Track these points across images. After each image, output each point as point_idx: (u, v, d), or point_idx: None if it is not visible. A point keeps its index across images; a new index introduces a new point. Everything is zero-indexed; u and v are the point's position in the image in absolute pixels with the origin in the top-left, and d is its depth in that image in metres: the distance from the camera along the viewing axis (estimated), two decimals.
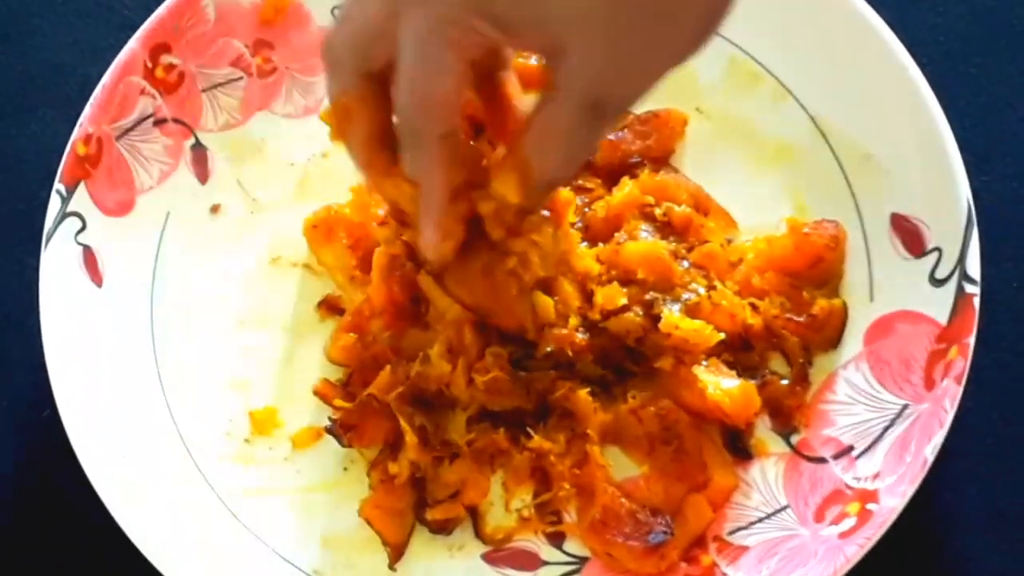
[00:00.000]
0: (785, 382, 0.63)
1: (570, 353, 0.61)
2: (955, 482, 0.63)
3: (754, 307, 0.63)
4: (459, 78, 0.49)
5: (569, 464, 0.62)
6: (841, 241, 0.64)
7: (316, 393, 0.65)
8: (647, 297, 0.62)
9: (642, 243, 0.64)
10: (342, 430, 0.63)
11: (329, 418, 0.63)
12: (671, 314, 0.61)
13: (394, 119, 0.52)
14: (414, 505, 0.62)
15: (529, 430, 0.62)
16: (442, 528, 0.62)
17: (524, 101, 0.55)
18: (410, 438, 0.61)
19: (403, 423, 0.61)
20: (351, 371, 0.65)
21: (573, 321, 0.61)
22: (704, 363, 0.62)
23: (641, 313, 0.62)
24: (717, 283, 0.64)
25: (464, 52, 0.48)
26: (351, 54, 0.51)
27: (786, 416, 0.62)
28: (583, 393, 0.62)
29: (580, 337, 0.61)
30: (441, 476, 0.62)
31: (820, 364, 0.63)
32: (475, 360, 0.62)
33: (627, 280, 0.63)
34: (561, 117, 0.49)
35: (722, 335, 0.62)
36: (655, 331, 0.61)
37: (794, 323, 0.63)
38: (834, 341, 0.63)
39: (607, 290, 0.62)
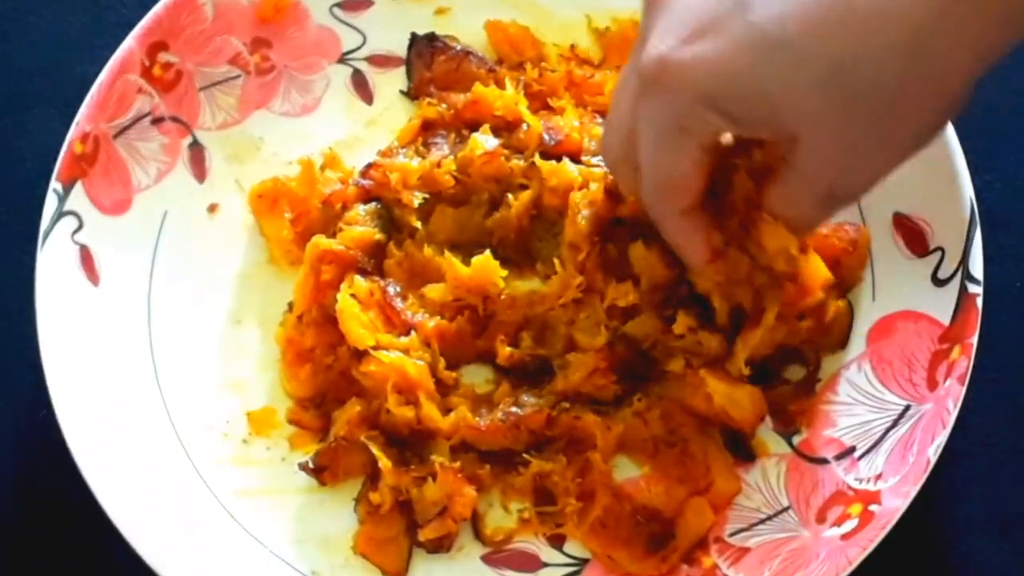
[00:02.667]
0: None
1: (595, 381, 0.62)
2: (958, 483, 0.63)
3: None
4: (695, 162, 0.51)
5: (571, 476, 0.61)
6: (861, 245, 0.63)
7: (291, 422, 0.65)
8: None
9: None
10: (315, 472, 0.63)
11: (301, 464, 0.63)
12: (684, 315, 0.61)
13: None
14: (406, 529, 0.62)
15: (526, 456, 0.62)
16: (439, 546, 0.62)
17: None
18: (384, 463, 0.61)
19: (376, 452, 0.61)
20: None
21: (600, 339, 0.61)
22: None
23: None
24: None
25: (700, 139, 0.50)
26: (625, 151, 0.54)
27: (789, 419, 0.62)
28: (591, 417, 0.61)
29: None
30: (426, 495, 0.61)
31: (822, 365, 0.63)
32: (450, 391, 0.63)
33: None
34: (795, 199, 0.52)
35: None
36: (668, 334, 0.61)
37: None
38: (841, 342, 0.63)
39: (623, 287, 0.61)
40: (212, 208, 0.69)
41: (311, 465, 0.63)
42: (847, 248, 0.63)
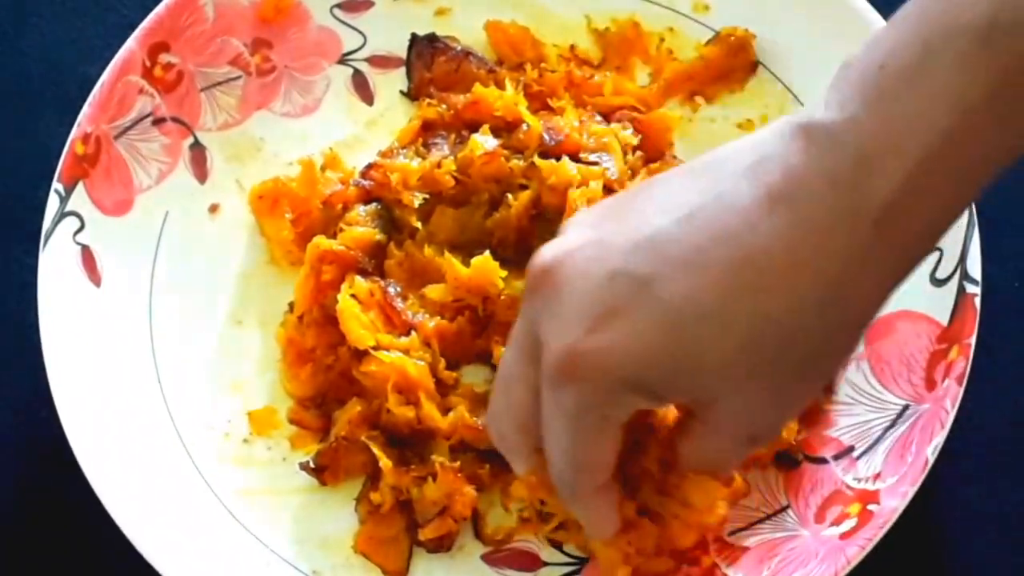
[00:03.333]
0: None
1: None
2: (956, 483, 0.63)
3: None
4: (613, 443, 0.50)
5: None
6: None
7: (292, 421, 0.65)
8: None
9: None
10: (316, 472, 0.63)
11: (302, 464, 0.63)
12: None
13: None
14: (406, 528, 0.62)
15: None
16: (439, 546, 0.62)
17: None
18: (384, 463, 0.61)
19: (377, 451, 0.61)
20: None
21: None
22: None
23: None
24: None
25: (620, 421, 0.49)
26: (521, 439, 0.52)
27: (805, 419, 0.62)
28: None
29: None
30: (426, 495, 0.61)
31: None
32: (450, 391, 0.63)
33: None
34: (714, 450, 0.51)
35: None
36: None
37: None
38: None
39: None
40: (213, 208, 0.69)
41: (312, 465, 0.63)
42: None
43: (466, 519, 0.62)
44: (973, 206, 0.61)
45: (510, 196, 0.64)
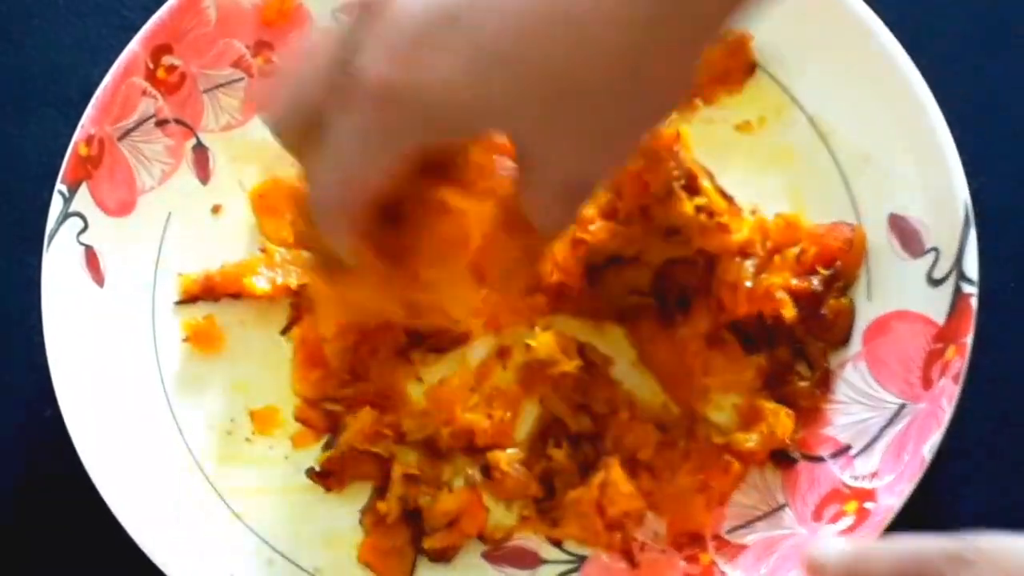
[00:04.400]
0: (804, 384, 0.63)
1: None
2: (953, 481, 0.63)
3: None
4: (387, 169, 0.49)
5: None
6: (856, 244, 0.64)
7: (298, 419, 0.65)
8: None
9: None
10: (321, 478, 0.63)
11: (308, 470, 0.64)
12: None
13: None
14: (411, 539, 0.62)
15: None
16: (441, 556, 0.62)
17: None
18: (395, 472, 0.62)
19: (392, 452, 0.62)
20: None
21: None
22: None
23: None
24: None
25: (399, 149, 0.49)
26: (300, 128, 0.50)
27: (803, 416, 0.62)
28: (617, 472, 0.61)
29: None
30: (438, 505, 0.62)
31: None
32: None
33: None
34: (536, 198, 0.51)
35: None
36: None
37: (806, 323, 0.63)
38: (843, 340, 0.63)
39: None
40: (216, 209, 0.69)
41: (317, 471, 0.63)
42: (843, 247, 0.63)
43: (471, 537, 0.62)
44: (970, 206, 0.61)
45: None
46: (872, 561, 0.47)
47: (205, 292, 0.66)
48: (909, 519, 0.58)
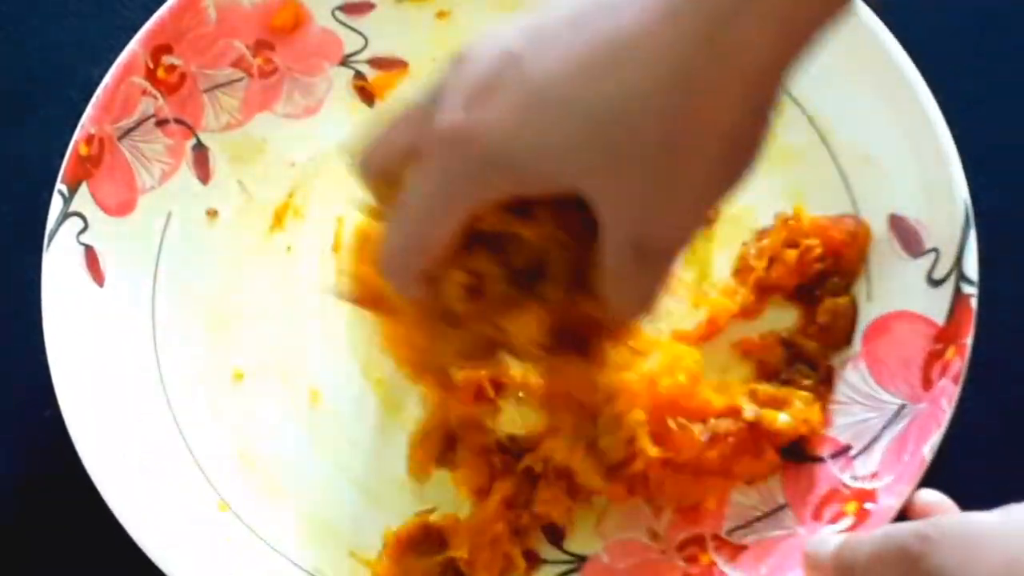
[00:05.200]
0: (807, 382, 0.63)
1: None
2: (952, 482, 0.63)
3: None
4: (455, 226, 0.49)
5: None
6: (860, 237, 0.64)
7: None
8: None
9: None
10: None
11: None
12: None
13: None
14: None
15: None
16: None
17: None
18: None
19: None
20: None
21: None
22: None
23: None
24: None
25: (468, 201, 0.48)
26: (382, 169, 0.51)
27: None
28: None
29: None
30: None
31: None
32: None
33: None
34: (607, 265, 0.49)
35: None
36: None
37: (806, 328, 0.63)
38: (846, 339, 0.63)
39: None
40: (212, 213, 0.69)
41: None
42: (846, 240, 0.63)
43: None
44: (971, 207, 0.61)
45: None
46: (856, 547, 0.51)
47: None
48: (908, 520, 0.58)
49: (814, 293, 0.64)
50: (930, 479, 0.58)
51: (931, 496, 0.57)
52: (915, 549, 0.48)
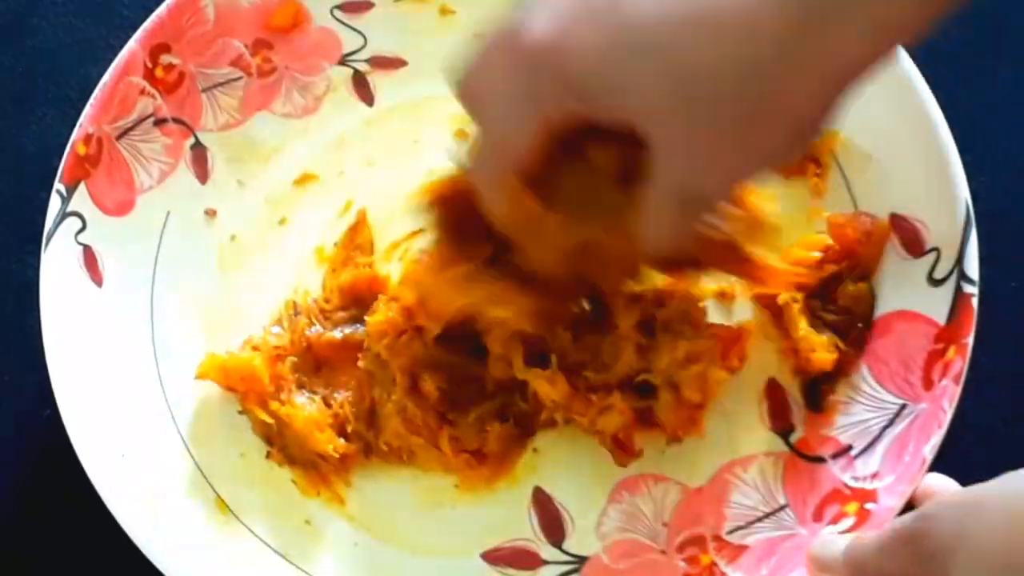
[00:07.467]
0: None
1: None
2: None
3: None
4: (532, 130, 0.51)
5: None
6: (876, 235, 0.63)
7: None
8: None
9: None
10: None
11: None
12: None
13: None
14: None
15: None
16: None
17: None
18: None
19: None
20: None
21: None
22: None
23: None
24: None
25: (543, 110, 0.51)
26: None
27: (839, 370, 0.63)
28: None
29: None
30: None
31: None
32: None
33: None
34: (650, 202, 0.52)
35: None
36: None
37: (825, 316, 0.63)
38: (864, 322, 0.63)
39: None
40: (211, 213, 0.69)
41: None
42: (861, 238, 0.63)
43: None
44: (971, 207, 0.61)
45: None
46: (864, 542, 0.53)
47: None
48: None
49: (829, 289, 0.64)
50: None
51: (935, 479, 0.59)
52: (917, 530, 0.49)
